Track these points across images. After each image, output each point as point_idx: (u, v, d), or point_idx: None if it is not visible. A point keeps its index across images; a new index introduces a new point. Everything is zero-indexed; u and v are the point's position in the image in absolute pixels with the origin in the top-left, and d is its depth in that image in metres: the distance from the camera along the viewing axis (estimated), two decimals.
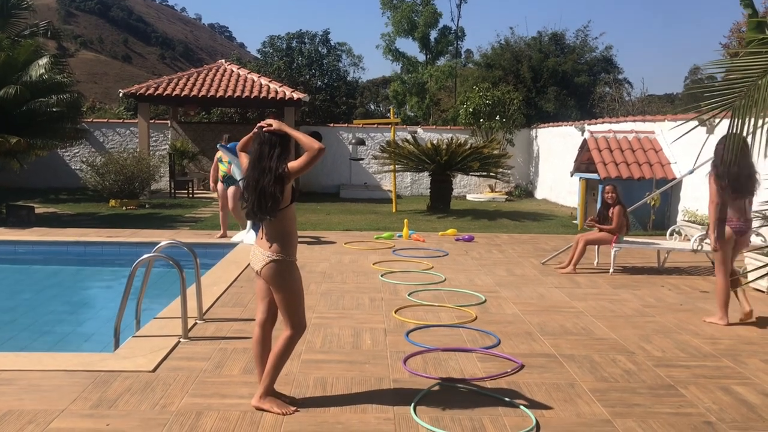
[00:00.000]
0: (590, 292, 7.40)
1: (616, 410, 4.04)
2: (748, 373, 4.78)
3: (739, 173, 5.94)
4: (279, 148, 3.85)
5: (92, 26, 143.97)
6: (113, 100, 40.30)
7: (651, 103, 26.31)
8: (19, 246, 10.11)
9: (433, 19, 31.60)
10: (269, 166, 3.80)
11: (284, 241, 3.89)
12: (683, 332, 5.82)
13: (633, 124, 14.60)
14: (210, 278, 7.57)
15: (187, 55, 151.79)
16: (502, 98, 20.96)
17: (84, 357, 4.86)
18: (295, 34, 34.62)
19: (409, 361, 4.85)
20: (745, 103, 3.90)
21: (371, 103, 45.77)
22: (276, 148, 3.85)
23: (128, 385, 4.26)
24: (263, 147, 3.85)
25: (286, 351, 3.97)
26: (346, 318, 6.08)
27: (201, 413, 3.87)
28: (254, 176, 3.83)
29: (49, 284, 8.72)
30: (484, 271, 8.44)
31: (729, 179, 5.95)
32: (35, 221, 12.09)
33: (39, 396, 4.06)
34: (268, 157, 3.82)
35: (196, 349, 5.07)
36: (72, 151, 20.48)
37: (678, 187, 12.24)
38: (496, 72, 26.23)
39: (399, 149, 15.75)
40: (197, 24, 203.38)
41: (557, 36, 27.81)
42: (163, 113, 25.50)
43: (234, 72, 20.20)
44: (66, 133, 14.98)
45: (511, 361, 4.91)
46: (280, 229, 3.88)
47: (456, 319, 6.10)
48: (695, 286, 7.81)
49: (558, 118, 22.67)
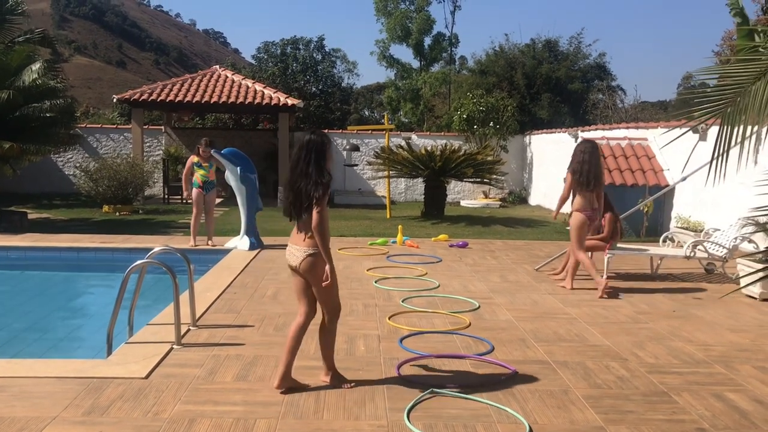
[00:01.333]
0: (584, 298, 7.41)
1: (609, 417, 4.04)
2: (741, 379, 4.80)
3: (589, 171, 7.44)
4: (316, 154, 4.19)
5: (86, 31, 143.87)
6: (107, 106, 40.21)
7: (644, 110, 26.44)
8: (12, 252, 10.06)
9: (427, 26, 31.65)
10: (307, 170, 4.15)
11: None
12: (676, 339, 5.83)
13: (626, 131, 14.67)
14: (203, 284, 7.55)
15: (181, 60, 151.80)
16: (495, 105, 21.02)
17: (76, 363, 4.83)
18: (290, 40, 34.66)
19: (402, 368, 4.85)
20: (734, 110, 3.93)
21: (365, 109, 45.79)
22: (313, 153, 4.19)
23: (121, 392, 4.24)
24: (301, 152, 4.20)
25: (333, 332, 4.48)
26: (340, 324, 6.01)
27: (194, 420, 3.85)
28: (293, 178, 4.22)
29: (41, 290, 8.67)
30: (477, 278, 8.44)
31: (581, 176, 7.47)
32: (28, 227, 12.05)
33: (31, 403, 4.04)
34: (304, 161, 4.18)
35: (189, 355, 5.05)
36: (65, 156, 20.42)
37: (671, 194, 12.29)
38: (490, 78, 26.30)
39: (393, 155, 15.76)
40: (192, 30, 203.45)
41: (551, 43, 27.92)
42: (157, 119, 25.44)
43: (228, 78, 20.19)
44: (59, 139, 14.91)
45: (505, 367, 4.92)
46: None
47: (450, 326, 6.10)
48: (688, 293, 7.83)
49: (552, 125, 22.74)
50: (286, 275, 8.30)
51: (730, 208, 10.44)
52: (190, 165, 10.21)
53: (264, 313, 6.41)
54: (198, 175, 10.19)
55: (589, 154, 7.48)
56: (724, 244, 8.46)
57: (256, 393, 4.30)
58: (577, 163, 7.53)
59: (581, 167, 7.49)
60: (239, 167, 10.00)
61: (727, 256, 8.38)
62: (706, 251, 8.52)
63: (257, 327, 5.91)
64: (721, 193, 10.70)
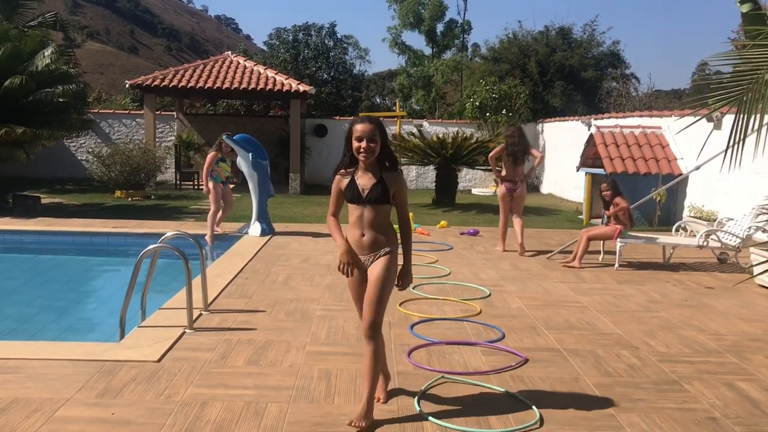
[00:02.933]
0: (595, 287, 7.39)
1: (620, 405, 4.04)
2: (753, 369, 4.77)
3: (517, 150, 9.06)
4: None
5: (99, 17, 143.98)
6: (119, 91, 40.33)
7: (658, 99, 26.21)
8: (26, 236, 10.15)
9: (439, 12, 31.48)
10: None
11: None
12: (688, 328, 5.81)
13: (640, 119, 14.55)
14: (215, 269, 7.58)
15: (193, 46, 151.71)
16: (508, 92, 20.91)
17: (90, 346, 4.88)
18: (302, 27, 34.55)
19: (413, 354, 4.86)
20: (751, 98, 3.88)
21: (377, 96, 45.68)
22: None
23: (133, 375, 4.28)
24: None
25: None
26: (351, 310, 6.07)
27: (206, 403, 3.88)
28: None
29: (55, 274, 8.75)
30: (488, 265, 8.43)
31: (511, 152, 9.09)
32: (41, 211, 12.13)
33: (45, 385, 4.08)
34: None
35: (201, 339, 5.09)
36: (78, 141, 20.52)
37: (684, 183, 12.20)
38: (502, 66, 26.15)
39: (404, 143, 15.73)
40: (204, 16, 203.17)
41: (564, 30, 27.69)
42: (169, 105, 25.50)
43: (240, 64, 20.18)
44: (72, 124, 15.00)
45: (516, 355, 4.92)
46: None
47: (460, 313, 6.11)
48: (700, 282, 7.79)
49: (564, 113, 22.60)
50: (297, 261, 8.33)
51: (743, 197, 10.35)
52: (212, 161, 9.93)
53: (275, 298, 6.44)
54: (221, 169, 10.09)
55: (517, 139, 9.10)
56: (737, 233, 8.40)
57: (268, 377, 4.33)
58: (512, 144, 9.10)
59: (513, 148, 9.09)
60: (251, 153, 10.00)
61: (740, 245, 8.32)
62: (719, 240, 8.47)
63: (269, 312, 5.94)
64: (734, 183, 10.61)
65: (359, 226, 3.79)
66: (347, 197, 3.78)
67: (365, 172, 3.75)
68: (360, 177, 3.75)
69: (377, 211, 3.77)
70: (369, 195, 3.73)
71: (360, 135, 3.66)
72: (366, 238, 3.80)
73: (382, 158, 3.76)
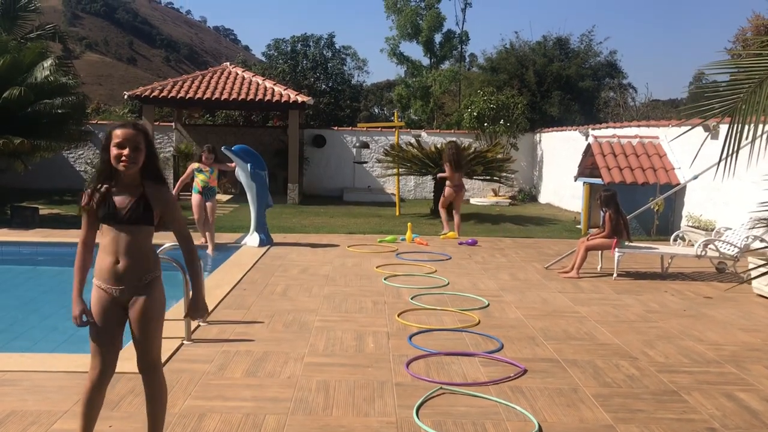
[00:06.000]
0: (594, 297, 7.39)
1: (619, 416, 4.03)
2: (752, 379, 4.77)
3: (458, 160, 12.00)
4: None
5: (98, 28, 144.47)
6: (118, 102, 40.41)
7: (655, 109, 26.33)
8: (24, 247, 10.13)
9: (437, 23, 31.55)
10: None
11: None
12: (687, 338, 5.80)
13: (637, 129, 14.59)
14: (213, 280, 7.57)
15: (191, 57, 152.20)
16: (506, 102, 20.95)
17: (87, 358, 4.85)
18: (300, 38, 34.65)
19: (411, 365, 4.85)
20: (748, 107, 3.89)
21: (375, 107, 45.80)
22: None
23: (131, 387, 4.26)
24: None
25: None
26: (349, 321, 6.08)
27: (204, 415, 3.87)
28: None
29: (52, 285, 8.73)
30: (487, 276, 8.43)
31: (453, 163, 11.89)
32: (39, 222, 12.11)
33: (42, 397, 4.07)
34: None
35: (199, 351, 5.07)
36: (76, 152, 20.49)
37: (682, 193, 12.22)
38: (500, 76, 26.23)
39: (403, 153, 15.75)
40: (202, 27, 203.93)
41: (562, 40, 27.82)
42: (168, 115, 25.51)
43: (239, 75, 20.22)
44: (70, 135, 14.98)
45: (514, 365, 4.91)
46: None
47: (459, 323, 6.10)
48: (699, 292, 7.79)
49: (562, 123, 22.65)
50: (295, 272, 8.32)
51: (741, 206, 10.36)
52: (191, 171, 9.92)
53: (273, 309, 6.43)
54: (198, 180, 9.87)
55: (455, 151, 12.15)
56: (735, 242, 8.41)
57: (266, 389, 4.32)
58: (451, 155, 11.97)
59: (455, 158, 11.93)
60: (249, 164, 10.01)
61: (738, 255, 8.33)
62: (718, 250, 8.47)
63: (267, 323, 5.93)
64: (732, 192, 10.63)
65: (113, 251, 3.20)
66: (99, 215, 3.17)
67: (124, 187, 3.18)
68: (117, 192, 3.16)
69: (136, 233, 3.19)
70: (127, 214, 3.15)
71: (121, 141, 3.11)
72: (121, 266, 3.20)
73: (145, 171, 3.22)
